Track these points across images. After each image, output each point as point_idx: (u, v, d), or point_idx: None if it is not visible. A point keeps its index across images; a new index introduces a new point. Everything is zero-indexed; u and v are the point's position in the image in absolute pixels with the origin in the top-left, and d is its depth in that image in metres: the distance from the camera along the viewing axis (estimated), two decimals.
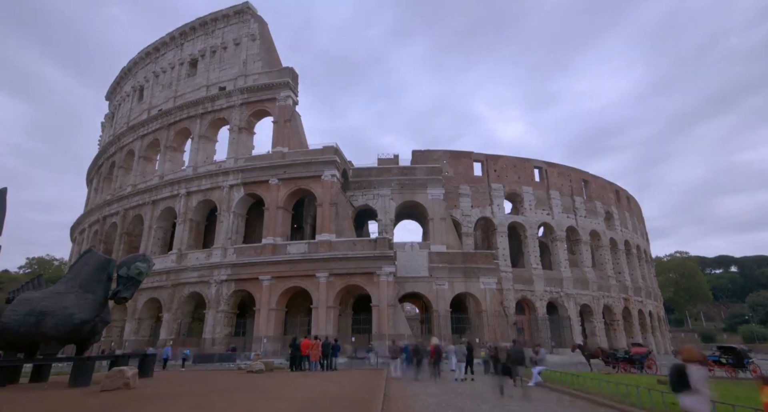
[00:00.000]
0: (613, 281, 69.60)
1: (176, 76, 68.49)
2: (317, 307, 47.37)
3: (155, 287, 54.83)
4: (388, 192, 58.63)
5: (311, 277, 48.50)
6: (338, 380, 24.36)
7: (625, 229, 78.07)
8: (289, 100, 57.25)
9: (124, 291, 22.42)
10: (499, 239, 62.62)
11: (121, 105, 79.55)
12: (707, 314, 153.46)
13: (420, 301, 62.25)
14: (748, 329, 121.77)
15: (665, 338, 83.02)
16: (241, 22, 65.57)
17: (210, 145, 62.61)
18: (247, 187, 54.88)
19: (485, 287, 52.96)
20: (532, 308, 61.25)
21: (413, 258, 54.01)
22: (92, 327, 22.05)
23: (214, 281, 51.50)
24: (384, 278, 47.01)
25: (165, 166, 62.52)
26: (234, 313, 52.62)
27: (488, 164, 66.17)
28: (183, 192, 57.54)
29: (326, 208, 51.12)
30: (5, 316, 20.70)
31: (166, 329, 52.07)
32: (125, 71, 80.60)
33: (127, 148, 69.83)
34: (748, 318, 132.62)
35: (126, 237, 62.59)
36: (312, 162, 52.89)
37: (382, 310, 46.11)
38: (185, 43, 70.28)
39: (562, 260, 65.25)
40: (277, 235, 51.80)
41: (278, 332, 48.60)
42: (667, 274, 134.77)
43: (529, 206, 65.82)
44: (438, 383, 25.39)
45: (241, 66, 61.78)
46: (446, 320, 51.51)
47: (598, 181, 76.61)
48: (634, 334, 69.52)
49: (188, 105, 62.68)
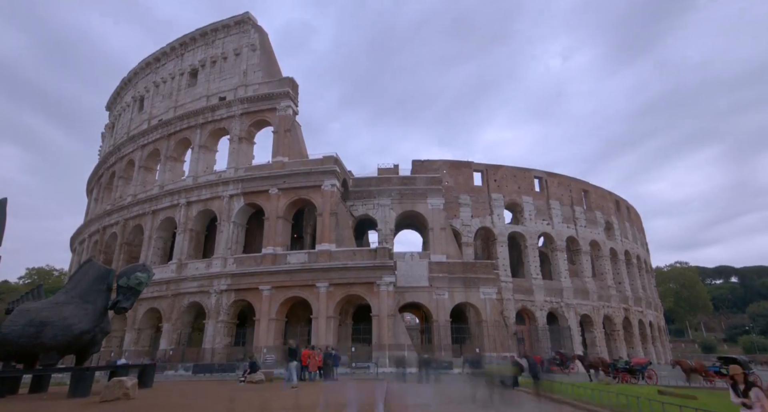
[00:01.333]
0: (613, 291, 69.47)
1: (176, 86, 68.71)
2: (317, 317, 47.26)
3: (155, 297, 54.70)
4: (388, 202, 58.70)
5: (311, 287, 48.43)
6: (337, 390, 24.27)
7: (626, 239, 78.06)
8: (289, 110, 57.42)
9: (123, 301, 22.41)
10: (499, 249, 62.59)
11: (122, 115, 79.74)
12: (707, 325, 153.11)
13: (420, 311, 62.08)
14: (749, 340, 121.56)
15: (665, 348, 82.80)
16: (241, 32, 65.89)
17: (210, 155, 62.72)
18: (247, 197, 54.90)
19: (485, 297, 52.86)
20: (533, 318, 61.11)
21: (413, 268, 53.96)
22: (92, 337, 22.01)
23: (214, 291, 51.40)
24: (384, 288, 46.95)
25: (165, 176, 62.57)
26: (234, 323, 52.49)
27: (488, 174, 66.27)
28: (183, 202, 57.55)
29: (326, 217, 51.13)
30: (5, 326, 20.64)
31: (165, 339, 51.88)
32: (125, 81, 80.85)
33: (127, 158, 69.91)
34: (749, 329, 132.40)
35: (126, 247, 62.52)
36: (312, 172, 52.95)
37: (382, 320, 46.01)
38: (185, 54, 70.58)
39: (563, 270, 65.17)
40: (277, 245, 51.77)
41: (278, 342, 48.43)
42: (668, 284, 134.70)
43: (529, 215, 65.84)
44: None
45: (242, 76, 62.02)
46: (446, 330, 51.37)
47: (598, 191, 76.72)
48: (635, 344, 69.35)
49: (188, 115, 62.83)
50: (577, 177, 74.43)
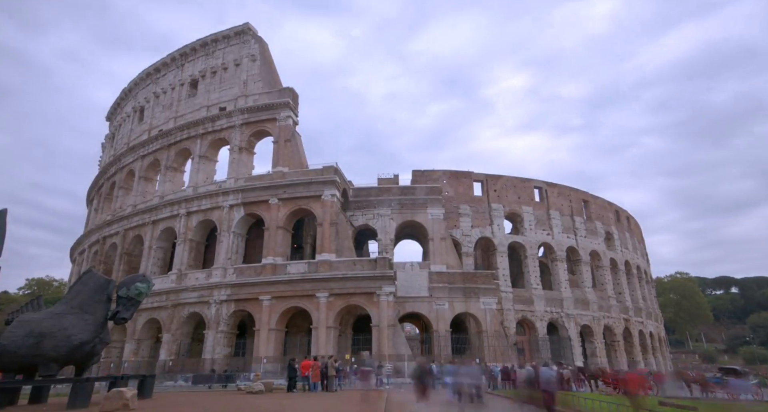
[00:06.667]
0: (613, 302, 69.33)
1: (177, 97, 68.95)
2: (317, 327, 47.14)
3: (155, 308, 54.58)
4: (388, 212, 58.75)
5: (311, 297, 48.36)
6: (336, 401, 24.19)
7: (626, 249, 78.02)
8: (289, 121, 57.59)
9: (123, 312, 22.32)
10: (499, 259, 62.54)
11: (122, 125, 79.95)
12: (708, 335, 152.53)
13: (420, 321, 61.94)
14: (750, 351, 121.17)
15: (666, 359, 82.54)
16: (241, 42, 66.20)
17: (210, 165, 62.83)
18: (247, 207, 54.94)
19: (485, 307, 52.80)
20: (533, 328, 60.95)
21: (413, 278, 53.93)
22: (92, 348, 21.91)
23: (214, 301, 51.29)
24: (384, 298, 46.87)
25: (165, 187, 62.65)
26: (234, 333, 52.36)
27: (488, 184, 66.35)
28: (183, 212, 57.57)
29: (326, 228, 51.15)
30: (4, 337, 20.56)
31: (165, 350, 51.71)
32: (126, 92, 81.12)
33: (127, 169, 70.02)
34: (750, 340, 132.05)
35: (126, 257, 62.50)
36: (312, 182, 53.02)
37: (382, 330, 45.90)
38: (186, 64, 70.88)
39: (563, 281, 65.07)
40: (277, 255, 51.75)
41: (278, 352, 48.29)
42: (668, 294, 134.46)
43: (529, 225, 65.84)
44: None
45: (242, 86, 62.26)
46: (446, 340, 51.30)
47: (598, 201, 76.75)
48: (635, 355, 69.14)
49: (189, 125, 63.01)
50: (576, 187, 74.45)
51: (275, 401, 24.46)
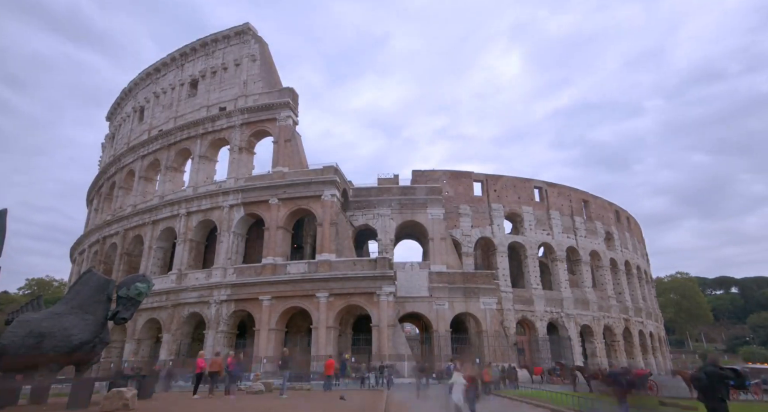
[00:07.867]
0: (613, 302, 69.32)
1: (177, 97, 68.91)
2: (317, 327, 47.15)
3: (155, 308, 54.57)
4: (388, 212, 58.74)
5: (311, 297, 48.35)
6: (336, 400, 24.19)
7: (626, 249, 77.98)
8: (289, 121, 57.57)
9: (123, 312, 22.31)
10: (499, 259, 62.52)
11: (122, 125, 79.90)
12: (708, 335, 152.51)
13: (420, 321, 61.93)
14: (750, 351, 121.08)
15: (666, 359, 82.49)
16: (241, 42, 66.14)
17: (210, 165, 62.80)
18: (247, 207, 54.93)
19: (485, 307, 52.81)
20: (533, 328, 60.95)
21: (413, 278, 53.92)
22: (92, 348, 21.88)
23: (214, 301, 51.27)
24: (384, 298, 46.87)
25: (165, 187, 62.62)
26: (234, 333, 52.35)
27: (488, 184, 66.34)
28: (183, 212, 57.55)
29: (326, 228, 51.14)
30: (4, 337, 20.54)
31: (165, 350, 51.69)
32: (126, 92, 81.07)
33: (127, 169, 69.99)
34: (749, 339, 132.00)
35: (126, 257, 62.48)
36: (312, 182, 53.01)
37: (382, 330, 45.91)
38: (186, 64, 70.83)
39: (563, 280, 65.06)
40: (277, 255, 51.74)
41: (278, 352, 48.24)
42: (668, 294, 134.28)
43: (529, 225, 65.82)
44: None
45: (242, 86, 62.21)
46: (446, 340, 51.30)
47: (598, 201, 76.72)
48: (635, 355, 69.10)
49: (189, 125, 62.98)
50: (576, 187, 74.41)
51: (275, 401, 24.47)
